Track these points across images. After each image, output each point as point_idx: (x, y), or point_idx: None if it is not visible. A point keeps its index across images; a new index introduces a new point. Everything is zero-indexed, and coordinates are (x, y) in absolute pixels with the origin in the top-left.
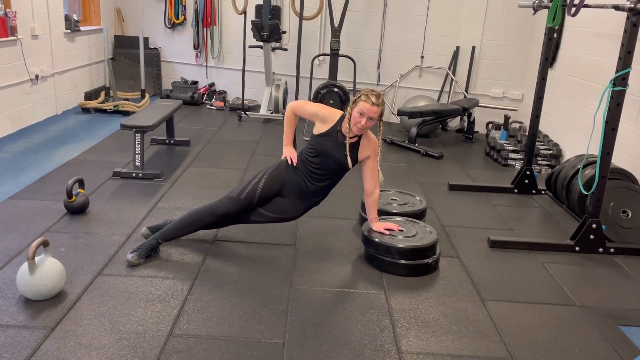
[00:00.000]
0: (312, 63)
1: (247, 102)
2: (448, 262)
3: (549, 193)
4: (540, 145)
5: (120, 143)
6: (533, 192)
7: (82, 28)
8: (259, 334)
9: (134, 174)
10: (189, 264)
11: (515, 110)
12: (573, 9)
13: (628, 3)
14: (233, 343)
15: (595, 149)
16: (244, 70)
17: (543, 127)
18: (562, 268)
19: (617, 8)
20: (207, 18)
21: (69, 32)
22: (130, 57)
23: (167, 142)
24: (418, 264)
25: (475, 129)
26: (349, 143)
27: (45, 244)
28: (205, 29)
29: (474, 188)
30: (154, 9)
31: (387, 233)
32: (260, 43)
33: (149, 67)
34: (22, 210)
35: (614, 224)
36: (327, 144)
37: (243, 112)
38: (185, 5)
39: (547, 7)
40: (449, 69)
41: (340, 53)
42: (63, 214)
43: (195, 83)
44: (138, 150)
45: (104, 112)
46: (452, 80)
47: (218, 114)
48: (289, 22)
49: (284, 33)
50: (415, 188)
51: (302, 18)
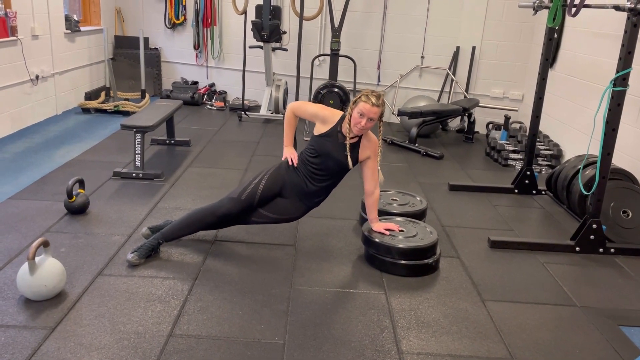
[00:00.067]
0: (312, 63)
1: (247, 102)
2: (448, 262)
3: (549, 193)
4: (541, 146)
5: (121, 143)
6: (533, 192)
7: (82, 28)
8: (260, 334)
9: (134, 174)
10: (190, 264)
11: (516, 111)
12: (573, 9)
13: (628, 3)
14: (233, 343)
15: (596, 149)
16: (244, 71)
17: (543, 127)
18: (562, 268)
19: (617, 8)
20: (207, 18)
21: (69, 32)
22: (131, 57)
23: (167, 142)
24: (418, 264)
25: (476, 129)
26: (349, 143)
27: (46, 244)
28: (206, 29)
29: (474, 188)
30: (154, 9)
31: (387, 233)
32: (261, 43)
33: (149, 67)
34: (22, 211)
35: (615, 224)
36: (327, 145)
37: (243, 112)
38: (186, 6)
39: (547, 7)
40: (449, 69)
41: (341, 53)
42: (63, 214)
43: (196, 83)
44: (138, 151)
45: (104, 112)
46: (452, 81)
47: (218, 114)
48: (289, 22)
49: (284, 33)
50: (416, 188)
51: (302, 18)
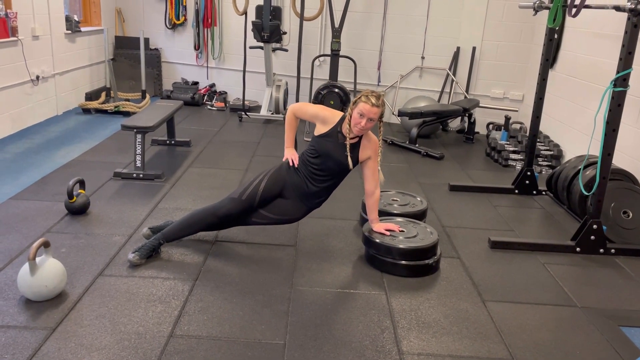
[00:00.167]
0: (312, 64)
1: (247, 102)
2: (449, 262)
3: (550, 194)
4: (541, 146)
5: (121, 144)
6: (534, 192)
7: (82, 29)
8: (260, 335)
9: (135, 175)
10: (190, 265)
11: (516, 111)
12: (574, 10)
13: (629, 4)
14: (234, 344)
15: (596, 150)
16: (245, 71)
17: (544, 127)
18: (562, 269)
19: (617, 9)
20: (207, 19)
21: (70, 32)
22: (131, 57)
23: (167, 142)
24: (419, 265)
25: (476, 130)
26: (350, 144)
27: (46, 245)
28: (206, 30)
29: (475, 189)
30: (155, 10)
31: (387, 234)
32: (261, 44)
33: (150, 67)
34: (22, 211)
35: (615, 225)
36: (327, 145)
37: (244, 112)
38: (186, 6)
39: (547, 7)
40: (450, 70)
41: (341, 54)
42: (64, 215)
43: (196, 84)
44: (139, 151)
45: (105, 112)
46: (452, 81)
47: (219, 115)
48: (290, 22)
49: (285, 34)
50: (416, 189)
51: (302, 19)
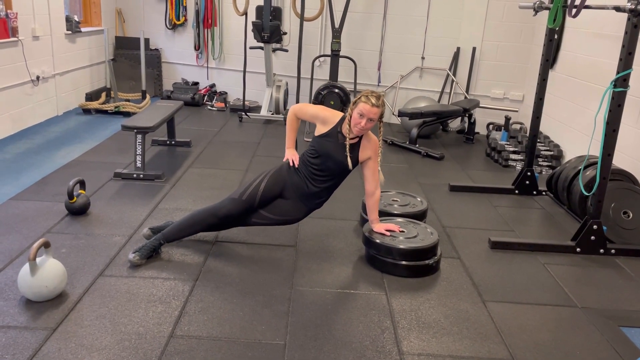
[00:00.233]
0: (312, 64)
1: (247, 103)
2: (449, 263)
3: (550, 194)
4: (541, 146)
5: (121, 144)
6: (534, 193)
7: (83, 29)
8: (260, 335)
9: (135, 175)
10: (191, 265)
11: (516, 111)
12: (574, 10)
13: (629, 4)
14: (234, 344)
15: (596, 150)
16: (245, 71)
17: (544, 128)
18: (563, 269)
19: (617, 9)
20: (208, 19)
21: (70, 33)
22: (131, 58)
23: (168, 143)
24: (419, 265)
25: (476, 130)
26: (349, 144)
27: (47, 245)
28: (206, 30)
29: (475, 189)
30: (155, 10)
31: (388, 234)
32: (261, 44)
33: (150, 68)
34: (23, 211)
35: (615, 225)
36: (327, 145)
37: (244, 113)
38: (186, 6)
39: (547, 8)
40: (450, 70)
41: (341, 54)
42: (64, 215)
43: (196, 84)
44: (139, 151)
45: (105, 113)
46: (452, 81)
47: (219, 115)
48: (290, 23)
49: (285, 34)
50: (416, 189)
51: (303, 19)
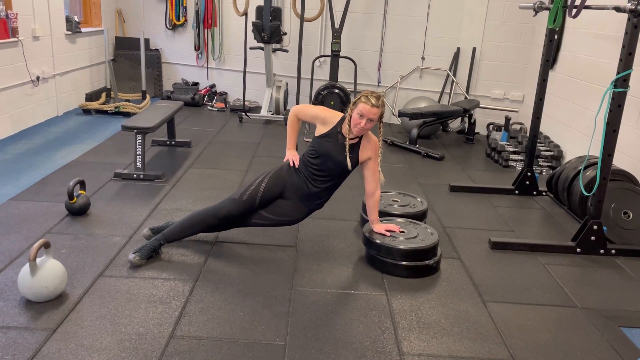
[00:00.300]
0: (312, 64)
1: (248, 103)
2: (449, 263)
3: (550, 194)
4: (541, 147)
5: (121, 144)
6: (534, 193)
7: (83, 29)
8: (260, 336)
9: (135, 176)
10: (191, 266)
11: (516, 112)
12: (574, 11)
13: (629, 4)
14: (234, 344)
15: (596, 151)
16: (245, 72)
17: (544, 128)
18: (563, 269)
19: (618, 9)
20: (208, 19)
21: (70, 33)
22: (131, 58)
23: (168, 143)
24: (419, 266)
25: (476, 130)
26: (349, 144)
27: (47, 246)
28: (206, 30)
29: (475, 189)
30: (155, 11)
31: (388, 234)
32: (261, 44)
33: (150, 68)
34: (23, 212)
35: (615, 226)
36: (327, 145)
37: (244, 113)
38: (186, 7)
39: (547, 8)
40: (450, 70)
41: (341, 54)
42: (64, 216)
43: (196, 84)
44: (139, 152)
45: (105, 113)
46: (452, 82)
47: (219, 115)
48: (290, 23)
49: (285, 34)
50: (416, 189)
51: (303, 19)
